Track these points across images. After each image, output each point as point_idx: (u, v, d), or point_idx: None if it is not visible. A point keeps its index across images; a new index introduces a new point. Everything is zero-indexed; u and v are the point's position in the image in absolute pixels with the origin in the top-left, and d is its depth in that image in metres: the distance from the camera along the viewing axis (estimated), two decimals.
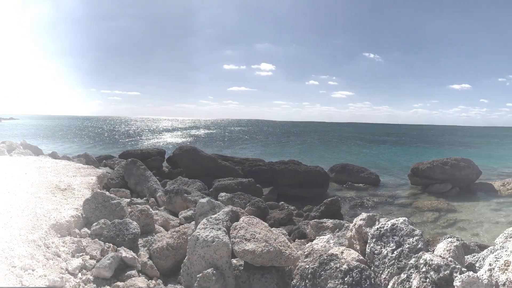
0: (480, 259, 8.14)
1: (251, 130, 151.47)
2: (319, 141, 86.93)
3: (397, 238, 7.50)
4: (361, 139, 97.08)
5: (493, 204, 20.79)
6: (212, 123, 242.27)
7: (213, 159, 23.17)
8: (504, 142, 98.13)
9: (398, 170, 35.41)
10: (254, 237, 7.10)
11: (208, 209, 9.65)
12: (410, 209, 19.87)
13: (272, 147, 67.85)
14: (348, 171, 27.65)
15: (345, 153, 56.54)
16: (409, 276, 6.38)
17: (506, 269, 6.16)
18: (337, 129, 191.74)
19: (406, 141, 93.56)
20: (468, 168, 25.51)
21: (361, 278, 6.29)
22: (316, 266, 6.56)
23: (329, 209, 15.71)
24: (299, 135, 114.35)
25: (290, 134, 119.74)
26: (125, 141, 74.46)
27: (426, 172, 25.23)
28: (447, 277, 6.01)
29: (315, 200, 19.72)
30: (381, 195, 23.21)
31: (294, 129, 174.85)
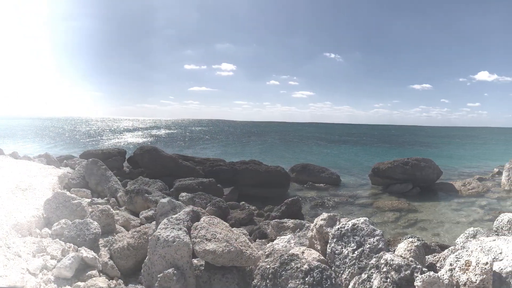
0: (441, 259, 8.28)
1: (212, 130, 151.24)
2: (280, 141, 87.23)
3: (358, 238, 7.59)
4: (322, 139, 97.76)
5: (453, 204, 21.20)
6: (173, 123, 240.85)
7: (174, 159, 23.08)
8: (465, 142, 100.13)
9: (359, 170, 35.77)
10: (215, 237, 7.13)
11: (169, 209, 9.64)
12: (371, 209, 20.10)
13: (233, 147, 67.88)
14: (309, 171, 27.82)
15: (306, 153, 56.88)
16: (370, 276, 6.46)
17: (467, 269, 6.28)
18: (298, 129, 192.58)
19: (367, 141, 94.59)
20: (429, 168, 25.93)
21: (322, 278, 6.35)
22: (277, 266, 6.61)
23: (290, 209, 15.89)
24: (260, 135, 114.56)
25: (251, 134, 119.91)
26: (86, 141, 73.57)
27: (387, 172, 25.54)
28: (408, 277, 6.11)
29: (276, 200, 19.82)
30: (342, 195, 23.42)
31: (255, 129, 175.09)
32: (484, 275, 6.06)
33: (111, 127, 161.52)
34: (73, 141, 73.78)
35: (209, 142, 79.33)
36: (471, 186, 24.79)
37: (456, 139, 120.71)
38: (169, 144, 68.69)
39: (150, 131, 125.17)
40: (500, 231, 9.70)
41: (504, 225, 9.69)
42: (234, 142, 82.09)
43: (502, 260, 7.34)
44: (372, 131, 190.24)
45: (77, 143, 68.03)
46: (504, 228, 9.66)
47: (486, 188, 24.96)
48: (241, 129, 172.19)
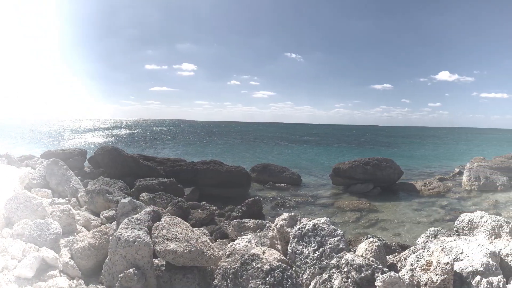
0: (402, 259, 8.35)
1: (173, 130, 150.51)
2: (240, 141, 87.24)
3: (319, 238, 7.61)
4: (283, 139, 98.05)
5: (414, 204, 21.46)
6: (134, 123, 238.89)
7: (134, 159, 22.89)
8: (426, 142, 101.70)
9: (320, 170, 35.94)
10: (176, 237, 7.11)
11: (130, 209, 9.56)
12: (332, 209, 20.18)
13: (194, 147, 67.66)
14: (270, 171, 27.87)
15: (267, 153, 56.99)
16: (330, 276, 6.48)
17: (427, 269, 6.34)
18: (258, 129, 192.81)
19: (327, 141, 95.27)
20: (390, 168, 26.22)
21: (283, 278, 6.36)
22: (237, 266, 6.61)
23: (250, 209, 15.98)
24: (220, 135, 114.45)
25: (212, 134, 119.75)
26: (46, 141, 72.24)
27: (347, 172, 25.70)
28: (369, 277, 6.13)
29: (237, 200, 19.76)
30: (303, 195, 23.49)
31: (216, 129, 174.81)
32: (445, 275, 6.12)
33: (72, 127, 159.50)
34: (34, 141, 72.40)
35: (170, 142, 78.98)
36: (432, 186, 25.15)
37: (417, 139, 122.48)
38: (130, 144, 68.21)
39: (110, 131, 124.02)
40: (461, 231, 9.83)
41: (465, 225, 9.81)
42: (195, 142, 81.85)
43: (463, 260, 7.43)
44: (333, 131, 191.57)
45: (38, 143, 66.78)
46: (465, 228, 9.78)
47: (447, 188, 25.37)
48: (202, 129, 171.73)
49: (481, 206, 20.92)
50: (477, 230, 9.49)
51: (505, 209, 20.16)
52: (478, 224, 9.52)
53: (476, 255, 7.40)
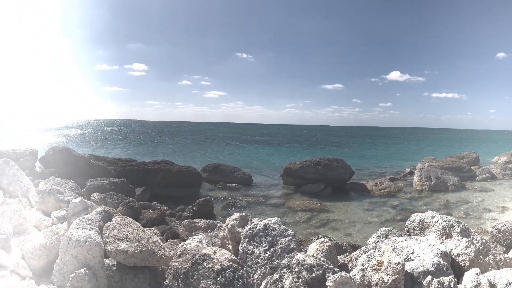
0: (353, 259, 8.42)
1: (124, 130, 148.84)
2: (191, 141, 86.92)
3: (270, 238, 7.62)
4: (234, 139, 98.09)
5: (365, 204, 21.71)
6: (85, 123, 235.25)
7: (85, 159, 22.66)
8: (377, 142, 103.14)
9: (271, 170, 36.02)
10: (127, 237, 7.10)
11: (81, 209, 9.48)
12: (283, 209, 20.26)
13: (145, 147, 67.10)
14: (221, 171, 27.85)
15: (218, 153, 56.92)
16: (281, 276, 6.50)
17: (378, 269, 6.40)
18: (209, 129, 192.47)
19: (278, 141, 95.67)
20: (341, 168, 26.46)
21: (234, 278, 6.38)
22: (188, 266, 6.61)
23: (201, 209, 16.11)
24: (171, 135, 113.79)
25: (163, 134, 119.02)
26: None
27: (298, 172, 25.83)
28: (320, 277, 6.16)
29: (188, 200, 19.71)
30: (254, 195, 23.53)
31: (167, 129, 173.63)
32: (396, 275, 6.19)
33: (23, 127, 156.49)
34: None
35: (121, 142, 78.09)
36: (383, 186, 25.51)
37: (368, 139, 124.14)
38: (81, 144, 67.19)
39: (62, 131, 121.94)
40: (412, 231, 9.97)
41: (416, 225, 9.96)
42: (146, 142, 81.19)
43: (414, 260, 7.53)
44: (284, 131, 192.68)
45: None
46: (416, 228, 9.93)
47: (398, 188, 25.80)
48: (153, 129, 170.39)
49: (432, 206, 21.30)
50: (428, 230, 9.64)
51: (456, 209, 20.60)
52: (429, 224, 9.67)
53: (427, 255, 7.51)
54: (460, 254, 8.41)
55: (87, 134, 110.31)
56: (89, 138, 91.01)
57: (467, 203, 21.99)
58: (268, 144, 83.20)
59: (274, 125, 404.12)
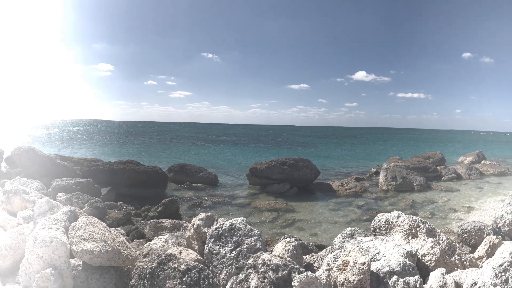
0: (319, 259, 8.45)
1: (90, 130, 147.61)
2: (157, 141, 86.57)
3: (236, 238, 7.63)
4: (200, 139, 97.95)
5: (331, 204, 21.81)
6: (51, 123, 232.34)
7: (51, 159, 22.42)
8: (342, 142, 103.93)
9: (237, 170, 36.03)
10: (93, 237, 7.11)
11: (47, 209, 9.40)
12: (249, 209, 20.29)
13: (111, 147, 66.61)
14: (187, 171, 27.80)
15: (184, 153, 56.79)
16: (247, 276, 6.49)
17: (344, 269, 6.43)
18: (175, 129, 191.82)
19: (244, 141, 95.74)
20: (307, 168, 26.57)
21: (200, 278, 6.41)
22: (154, 266, 6.62)
23: (167, 209, 16.23)
24: (137, 135, 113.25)
25: (129, 134, 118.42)
26: None
27: (264, 172, 25.87)
28: (286, 277, 6.17)
29: (154, 200, 19.79)
30: (220, 195, 23.51)
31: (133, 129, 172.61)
32: (362, 275, 6.23)
33: None
34: None
35: (87, 142, 77.43)
36: (349, 186, 25.65)
37: (333, 139, 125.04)
38: (47, 144, 66.47)
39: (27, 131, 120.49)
40: (378, 231, 10.05)
41: (382, 225, 10.04)
42: (111, 142, 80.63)
43: (379, 260, 7.59)
44: (250, 131, 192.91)
45: None
46: (381, 228, 10.01)
47: (364, 188, 26.00)
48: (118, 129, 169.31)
49: (397, 206, 21.55)
50: (394, 230, 9.73)
51: (422, 209, 20.83)
52: (395, 224, 9.76)
53: (392, 255, 7.57)
54: (426, 254, 8.50)
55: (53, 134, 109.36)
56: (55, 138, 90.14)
57: (433, 203, 22.25)
58: (234, 144, 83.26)
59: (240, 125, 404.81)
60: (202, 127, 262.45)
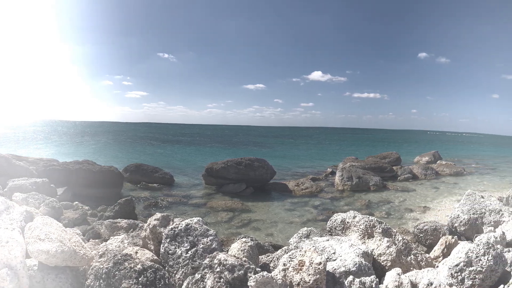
0: (275, 259, 8.48)
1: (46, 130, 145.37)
2: (113, 141, 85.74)
3: (192, 238, 7.61)
4: (156, 139, 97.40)
5: (287, 204, 21.92)
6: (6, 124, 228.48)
7: (7, 159, 22.07)
8: (298, 142, 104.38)
9: (193, 170, 35.93)
10: (49, 237, 7.02)
11: (2, 209, 9.25)
12: (205, 209, 20.26)
13: (67, 147, 65.72)
14: (142, 171, 27.66)
15: (140, 153, 56.43)
16: (203, 276, 6.49)
17: (300, 269, 6.46)
18: (131, 129, 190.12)
19: (200, 141, 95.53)
20: (263, 168, 26.66)
21: (155, 278, 6.43)
22: (110, 266, 6.62)
23: (123, 209, 16.24)
24: (93, 135, 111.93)
25: (85, 134, 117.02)
26: None
27: (220, 172, 25.85)
28: (242, 277, 6.18)
29: (110, 200, 19.67)
30: (176, 195, 23.44)
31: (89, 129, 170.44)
32: (318, 275, 6.26)
33: None
34: None
35: (43, 142, 76.22)
36: (305, 186, 25.80)
37: (289, 139, 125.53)
38: (2, 144, 65.27)
39: None
40: (334, 231, 10.13)
41: (338, 225, 10.12)
42: (67, 142, 79.53)
43: (335, 260, 7.65)
44: (206, 131, 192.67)
45: None
46: (337, 228, 10.09)
47: (320, 188, 26.20)
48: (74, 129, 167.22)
49: (353, 206, 21.75)
50: (349, 230, 9.82)
51: (378, 209, 21.11)
52: (350, 224, 9.85)
53: (348, 255, 7.65)
54: (382, 254, 8.61)
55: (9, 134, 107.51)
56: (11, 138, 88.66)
57: (389, 203, 22.59)
58: (189, 144, 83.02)
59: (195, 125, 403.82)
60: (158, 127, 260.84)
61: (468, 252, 7.08)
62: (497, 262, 6.97)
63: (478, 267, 6.85)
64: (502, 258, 7.16)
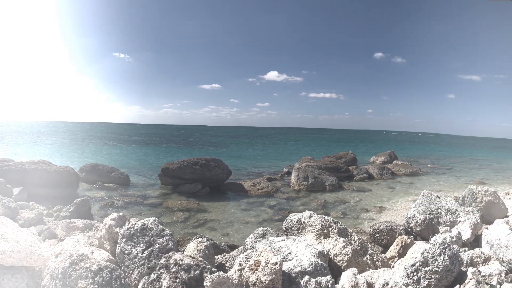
0: (230, 259, 8.50)
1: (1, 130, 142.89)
2: (69, 141, 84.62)
3: (147, 238, 7.58)
4: (112, 139, 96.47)
5: (243, 204, 21.94)
6: None
7: None
8: (254, 142, 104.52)
9: (149, 170, 35.73)
10: (4, 237, 7.03)
11: None
12: (160, 209, 20.15)
13: (23, 147, 64.52)
14: (98, 171, 27.41)
15: (96, 153, 55.84)
16: (159, 276, 6.48)
17: (256, 269, 6.48)
18: (87, 129, 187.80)
19: (156, 141, 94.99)
20: (218, 168, 26.63)
21: (111, 278, 6.44)
22: (66, 266, 6.60)
23: (79, 209, 16.04)
24: (49, 135, 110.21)
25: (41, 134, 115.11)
26: None
27: (176, 172, 25.74)
28: (197, 277, 6.18)
29: (66, 200, 19.46)
30: (132, 195, 23.28)
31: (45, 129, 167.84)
32: (273, 275, 6.29)
33: None
34: None
35: None
36: (261, 186, 25.83)
37: (245, 139, 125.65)
38: None
39: None
40: (290, 231, 10.18)
41: (294, 225, 10.17)
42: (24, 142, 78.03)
43: (291, 260, 7.69)
44: (162, 131, 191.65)
45: None
46: (293, 228, 10.14)
47: (276, 188, 26.29)
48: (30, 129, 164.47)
49: (309, 206, 21.84)
50: (305, 230, 9.88)
51: (334, 209, 21.19)
52: (306, 224, 9.91)
53: (304, 255, 7.69)
54: (338, 254, 8.68)
55: None
56: None
57: (345, 203, 22.70)
58: (146, 144, 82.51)
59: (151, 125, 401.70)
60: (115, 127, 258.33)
61: (424, 252, 7.19)
62: (453, 262, 7.09)
63: (434, 267, 6.97)
64: (458, 258, 7.29)
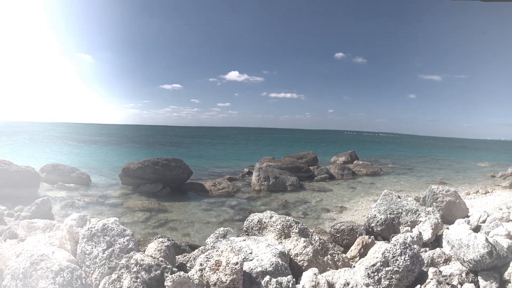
0: (191, 259, 8.51)
1: None
2: (30, 141, 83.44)
3: (108, 238, 7.56)
4: (72, 139, 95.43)
5: (204, 204, 21.92)
6: None
7: None
8: (215, 142, 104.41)
9: (109, 170, 35.46)
10: None
11: None
12: (121, 209, 20.05)
13: None
14: (59, 171, 27.14)
15: (56, 153, 55.22)
16: (120, 276, 6.47)
17: (217, 269, 6.51)
18: (48, 128, 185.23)
19: (117, 141, 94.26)
20: (179, 168, 26.57)
21: (72, 278, 6.46)
22: (27, 266, 6.59)
23: (40, 209, 15.91)
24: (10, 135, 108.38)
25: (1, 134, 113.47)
26: None
27: (137, 172, 25.62)
28: (158, 277, 6.19)
29: (26, 200, 19.17)
30: (92, 195, 23.08)
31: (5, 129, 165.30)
32: (234, 275, 6.33)
33: None
34: None
35: None
36: (222, 186, 25.82)
37: (206, 139, 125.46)
38: None
39: None
40: (251, 231, 10.22)
41: (254, 225, 10.21)
42: None
43: (252, 260, 7.73)
44: (123, 131, 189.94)
45: None
46: (254, 228, 10.18)
47: (236, 188, 26.34)
48: None
49: (270, 206, 21.93)
50: (266, 230, 9.93)
51: (295, 209, 21.29)
52: (267, 224, 9.95)
53: (265, 255, 7.74)
54: (299, 254, 8.75)
55: None
56: None
57: (306, 203, 22.82)
58: (106, 144, 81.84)
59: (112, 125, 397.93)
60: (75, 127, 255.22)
61: (385, 252, 7.29)
62: (413, 262, 7.22)
63: (395, 267, 7.08)
64: (419, 258, 7.42)
